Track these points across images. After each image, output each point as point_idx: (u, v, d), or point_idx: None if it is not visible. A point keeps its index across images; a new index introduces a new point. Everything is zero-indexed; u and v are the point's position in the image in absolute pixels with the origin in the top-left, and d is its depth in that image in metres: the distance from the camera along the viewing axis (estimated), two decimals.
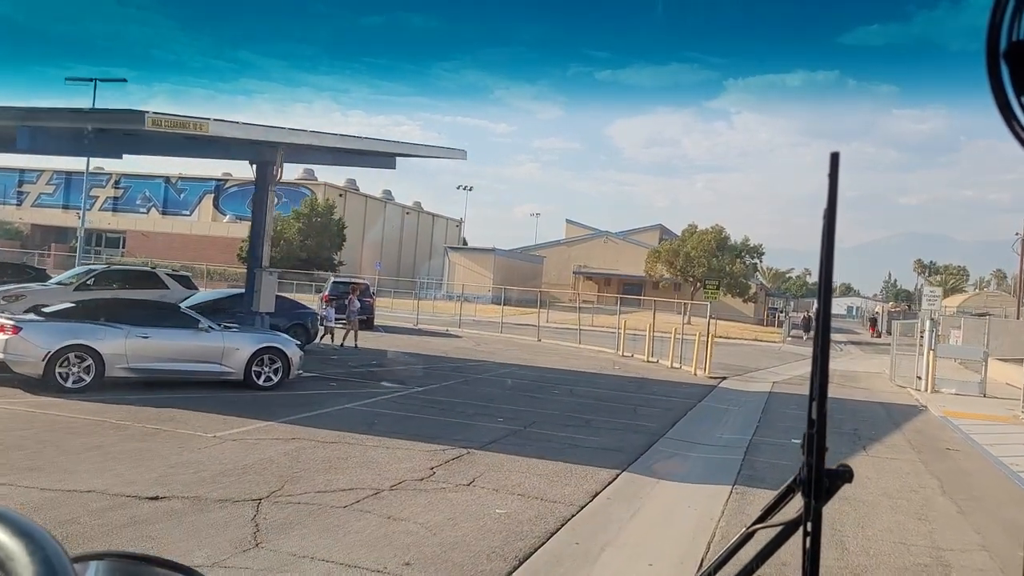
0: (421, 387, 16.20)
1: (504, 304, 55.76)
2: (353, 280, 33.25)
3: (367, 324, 31.27)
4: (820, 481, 1.02)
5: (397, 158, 22.22)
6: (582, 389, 18.06)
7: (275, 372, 13.97)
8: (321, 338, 22.91)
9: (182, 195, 71.59)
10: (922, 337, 23.72)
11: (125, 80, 41.14)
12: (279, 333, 15.02)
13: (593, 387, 18.64)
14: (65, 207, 73.20)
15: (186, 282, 22.45)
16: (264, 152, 16.67)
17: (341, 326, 24.34)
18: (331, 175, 74.86)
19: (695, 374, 23.45)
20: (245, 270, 58.55)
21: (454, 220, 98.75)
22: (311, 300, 36.66)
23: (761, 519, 1.14)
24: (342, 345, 23.04)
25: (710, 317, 24.47)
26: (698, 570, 1.34)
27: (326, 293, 31.16)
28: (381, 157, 21.55)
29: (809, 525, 1.03)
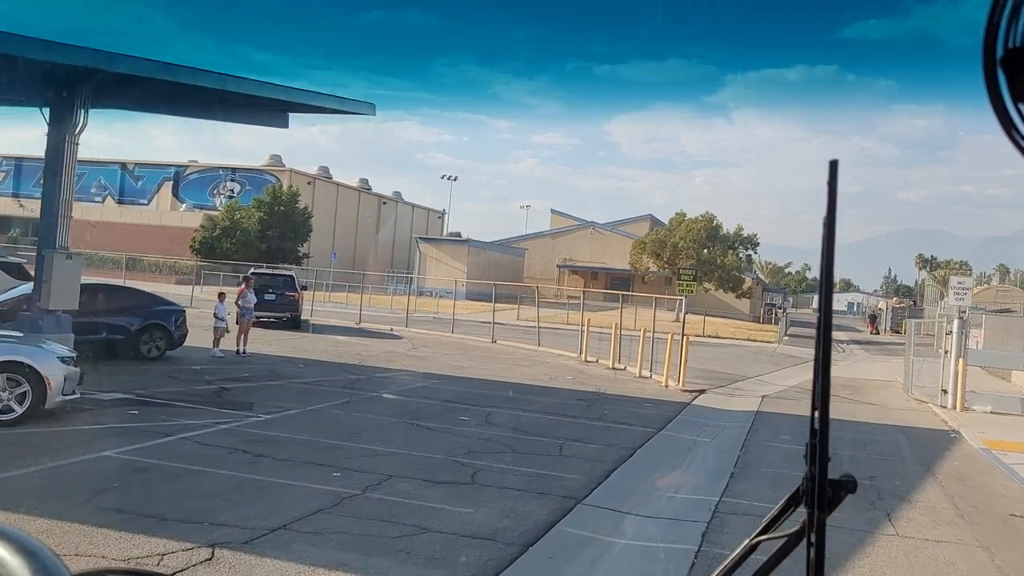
0: (270, 414, 11.71)
1: (478, 300, 51.40)
2: (275, 272, 28.77)
3: (293, 323, 26.90)
4: (823, 491, 1.00)
5: (291, 115, 17.77)
6: (505, 413, 13.57)
7: (19, 399, 9.49)
8: (216, 342, 18.19)
9: (139, 183, 67.00)
10: (946, 339, 19.25)
11: None
12: (43, 344, 10.48)
13: (523, 409, 14.15)
14: (15, 195, 68.69)
15: (16, 271, 17.93)
16: (56, 89, 12.12)
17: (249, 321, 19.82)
18: (302, 163, 70.50)
19: (666, 386, 18.98)
20: (195, 263, 53.63)
21: (436, 211, 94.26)
22: None
23: (764, 530, 1.11)
24: (238, 352, 18.46)
25: (685, 315, 19.97)
26: None
27: (242, 287, 26.65)
28: (263, 110, 17.04)
29: (813, 536, 1.01)
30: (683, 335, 19.41)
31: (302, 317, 29.67)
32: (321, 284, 47.34)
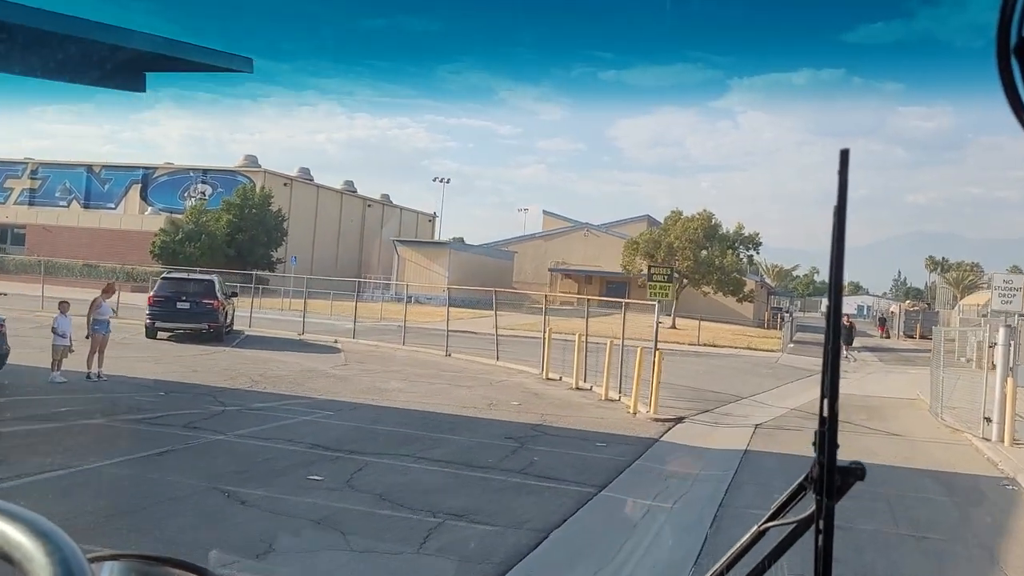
0: (6, 481, 7.90)
1: (460, 306, 47.63)
2: (192, 276, 25.00)
3: (214, 335, 23.08)
4: (832, 478, 0.98)
5: (150, 74, 14.01)
6: (385, 466, 9.75)
7: None
8: (55, 364, 14.22)
9: (106, 186, 63.42)
10: (989, 352, 15.37)
11: None
12: None
13: (417, 457, 10.30)
14: None
15: None
16: None
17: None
18: (281, 164, 67.08)
19: (634, 413, 15.13)
20: (156, 268, 50.12)
21: (427, 214, 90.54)
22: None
23: (772, 517, 1.09)
24: (89, 376, 14.61)
25: (658, 324, 16.10)
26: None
27: (151, 294, 22.98)
28: (110, 67, 13.27)
29: (821, 523, 1.00)
30: (655, 349, 15.55)
31: (234, 328, 26.00)
32: (286, 291, 43.73)
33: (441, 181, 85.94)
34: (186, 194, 62.55)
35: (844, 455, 0.98)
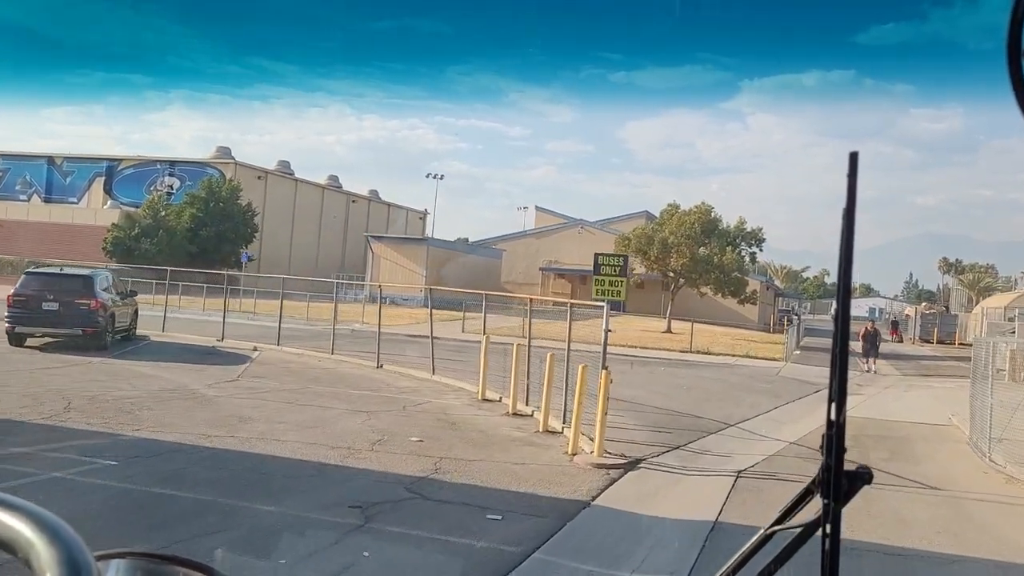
0: None
1: (443, 308, 43.67)
2: (64, 272, 20.93)
3: (95, 342, 19.09)
4: (839, 482, 0.98)
5: None
6: None
7: None
8: None
9: (68, 179, 59.77)
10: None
11: None
12: None
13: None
14: None
15: None
16: None
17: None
18: (258, 157, 63.35)
19: (572, 455, 11.05)
20: (104, 263, 46.08)
21: (417, 211, 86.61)
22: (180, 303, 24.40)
23: (779, 521, 1.08)
24: None
25: (607, 332, 11.95)
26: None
27: (11, 292, 19.02)
28: None
29: (828, 527, 0.99)
30: (603, 367, 11.44)
31: (135, 332, 22.11)
32: (234, 291, 39.80)
33: (435, 177, 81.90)
34: (153, 188, 58.85)
35: (864, 523, 1.41)
